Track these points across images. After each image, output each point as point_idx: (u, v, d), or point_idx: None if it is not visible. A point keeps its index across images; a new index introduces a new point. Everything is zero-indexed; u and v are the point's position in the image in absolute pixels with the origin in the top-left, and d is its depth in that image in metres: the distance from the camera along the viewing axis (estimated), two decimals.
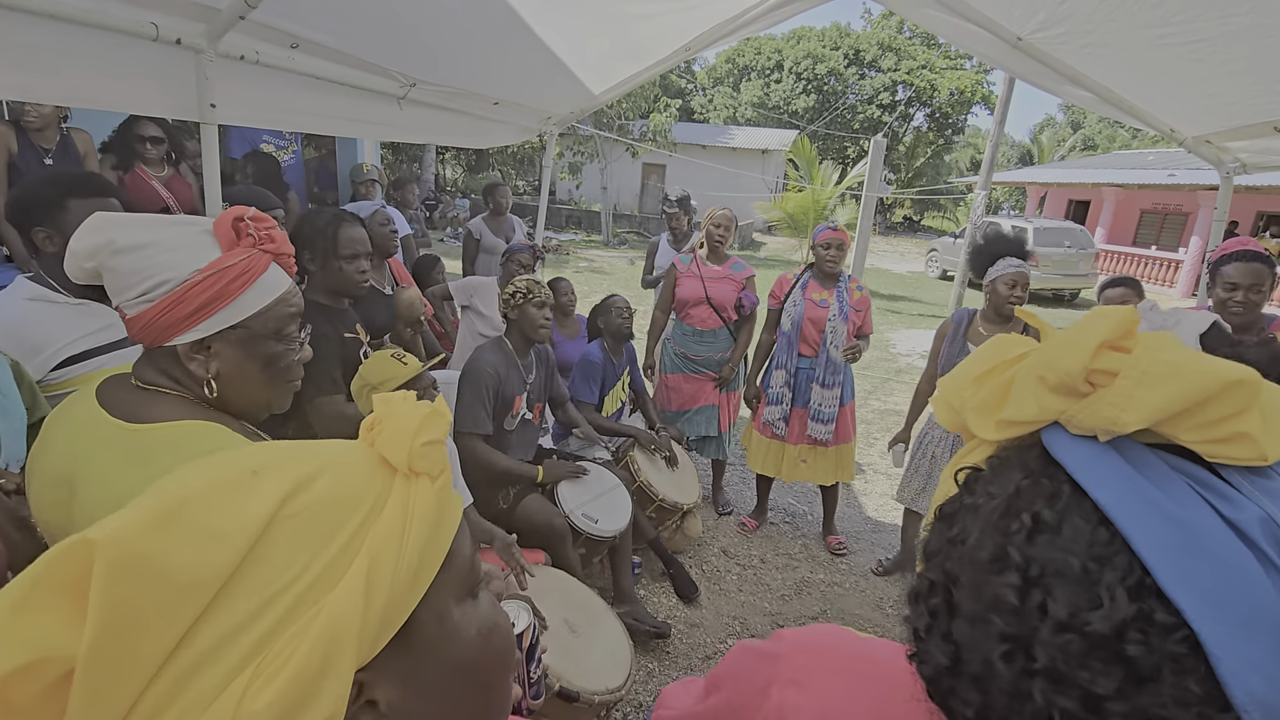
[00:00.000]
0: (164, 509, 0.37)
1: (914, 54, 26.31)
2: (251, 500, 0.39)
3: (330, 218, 2.04)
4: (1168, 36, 2.05)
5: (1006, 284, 2.85)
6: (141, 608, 0.34)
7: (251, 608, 0.36)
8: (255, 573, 0.37)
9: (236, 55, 1.81)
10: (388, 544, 0.41)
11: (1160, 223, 16.95)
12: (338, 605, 0.38)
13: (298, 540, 0.39)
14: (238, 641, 0.36)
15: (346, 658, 0.38)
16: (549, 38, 2.70)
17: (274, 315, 0.96)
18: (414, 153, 16.81)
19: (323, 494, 0.41)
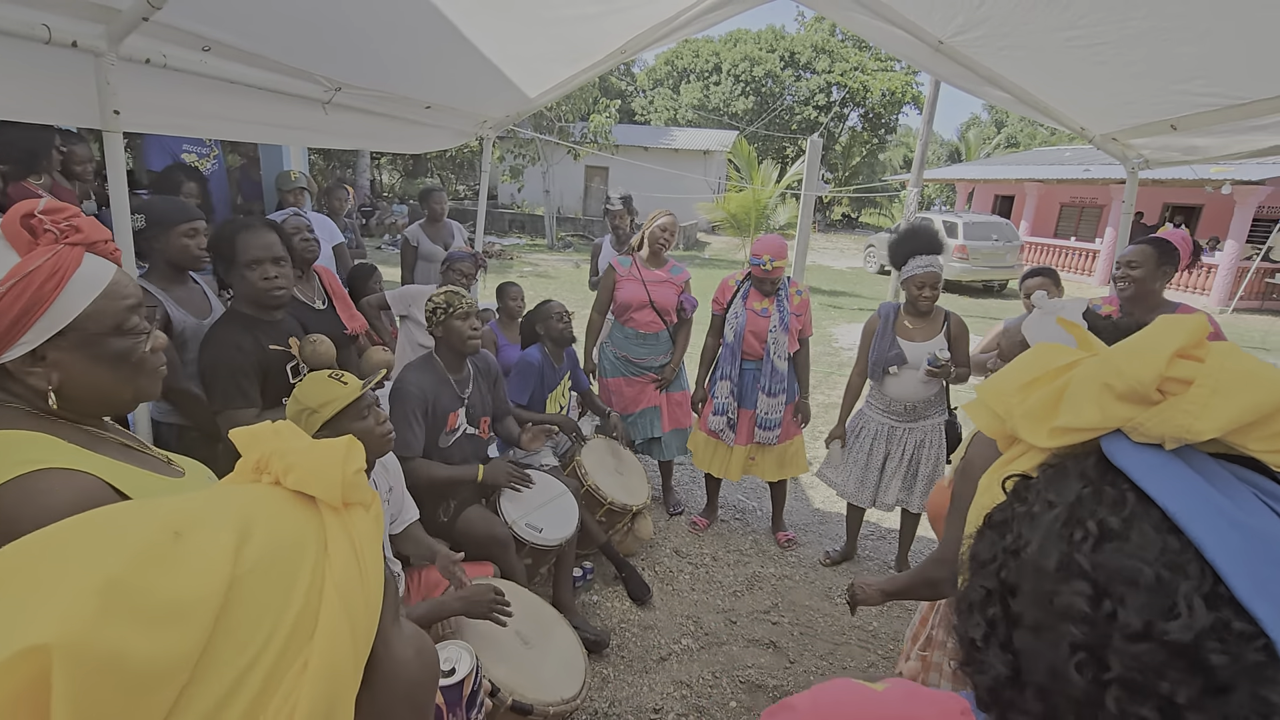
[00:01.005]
0: (103, 592, 0.32)
1: (846, 56, 27.07)
2: (199, 564, 0.35)
3: (235, 225, 1.96)
4: (1075, 40, 2.16)
5: (916, 285, 2.96)
6: (113, 708, 0.30)
7: (232, 677, 0.34)
8: (229, 639, 0.34)
9: (141, 59, 1.70)
10: (348, 579, 0.40)
11: (1078, 215, 17.93)
12: (327, 650, 0.37)
13: (262, 596, 0.36)
14: (230, 710, 0.33)
15: (348, 698, 0.37)
16: (479, 40, 2.65)
17: (106, 311, 0.89)
18: (347, 158, 16.30)
19: (267, 543, 0.38)
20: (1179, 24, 1.83)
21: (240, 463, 0.45)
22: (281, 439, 0.45)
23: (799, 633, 2.92)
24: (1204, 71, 2.01)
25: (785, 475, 3.57)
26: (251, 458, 0.45)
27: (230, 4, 1.83)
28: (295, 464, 0.43)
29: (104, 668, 0.31)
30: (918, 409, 3.10)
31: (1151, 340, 0.40)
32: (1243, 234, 13.06)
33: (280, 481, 0.43)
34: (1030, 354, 0.49)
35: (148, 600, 0.33)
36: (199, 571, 0.35)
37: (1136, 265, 2.53)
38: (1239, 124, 2.09)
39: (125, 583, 0.33)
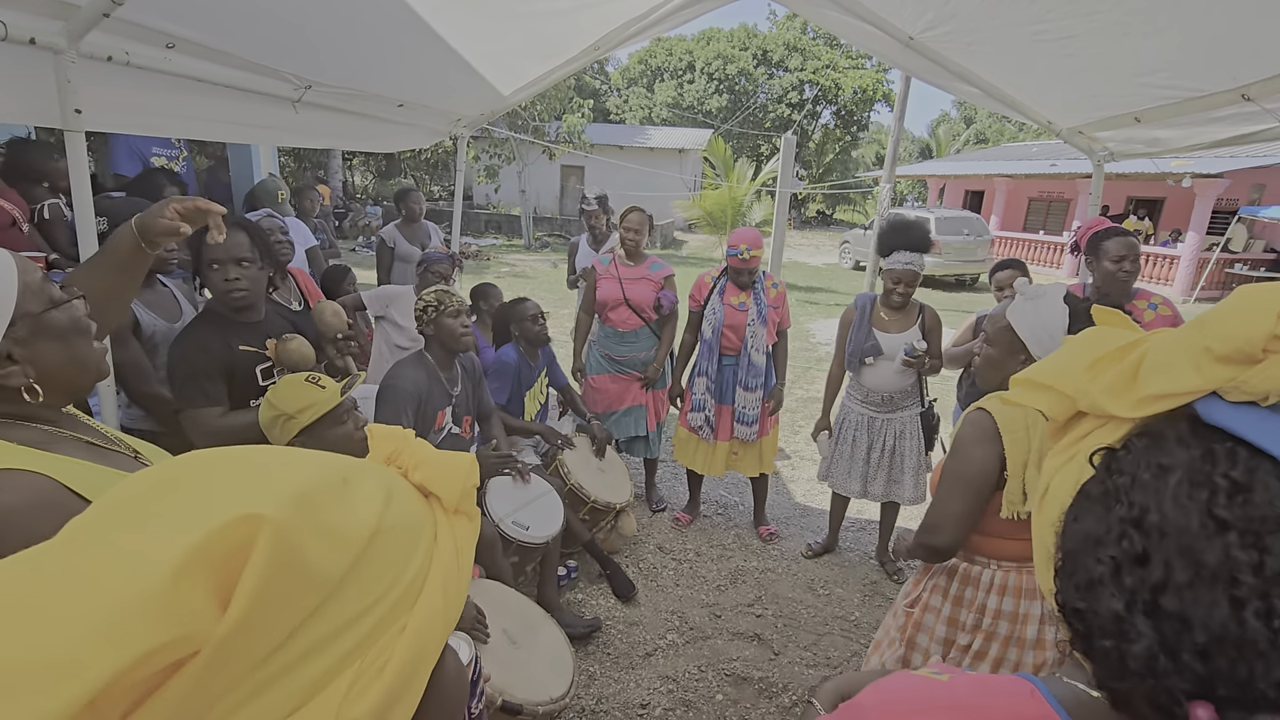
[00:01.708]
0: (299, 497, 0.37)
1: (818, 54, 27.31)
2: (359, 507, 0.41)
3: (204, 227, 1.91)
4: (1042, 34, 2.21)
5: (893, 279, 3.01)
6: (279, 600, 0.34)
7: (352, 613, 0.38)
8: (359, 580, 0.39)
9: (103, 56, 1.66)
10: (449, 569, 0.45)
11: (1046, 209, 18.30)
12: (423, 621, 0.41)
13: (390, 553, 0.41)
14: (341, 640, 0.37)
15: (426, 672, 0.41)
16: (452, 37, 2.62)
17: (32, 289, 0.88)
18: (318, 159, 16.04)
19: (402, 513, 0.43)
20: (1140, 18, 1.88)
21: (371, 454, 0.50)
22: (410, 441, 0.50)
23: (783, 625, 2.95)
24: (1166, 64, 2.06)
25: (765, 470, 3.60)
26: (383, 451, 0.50)
27: (195, 1, 1.80)
28: (424, 463, 0.49)
29: (291, 554, 0.35)
30: (894, 399, 3.14)
31: (1250, 304, 0.42)
32: (1203, 226, 13.46)
33: (407, 474, 0.48)
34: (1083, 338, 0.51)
35: (323, 519, 0.38)
36: (357, 513, 0.40)
37: (1134, 257, 2.54)
38: (1199, 115, 2.15)
39: (312, 498, 0.38)
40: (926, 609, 1.69)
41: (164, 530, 0.34)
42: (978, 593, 1.62)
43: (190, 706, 0.32)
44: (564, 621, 2.64)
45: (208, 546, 0.33)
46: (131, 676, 0.30)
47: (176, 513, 0.36)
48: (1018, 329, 1.57)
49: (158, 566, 0.32)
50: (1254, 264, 13.71)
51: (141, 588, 0.31)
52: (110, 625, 0.30)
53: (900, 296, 3.02)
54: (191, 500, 0.36)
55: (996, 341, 1.63)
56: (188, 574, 0.32)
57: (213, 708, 0.33)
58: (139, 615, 0.31)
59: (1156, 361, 0.45)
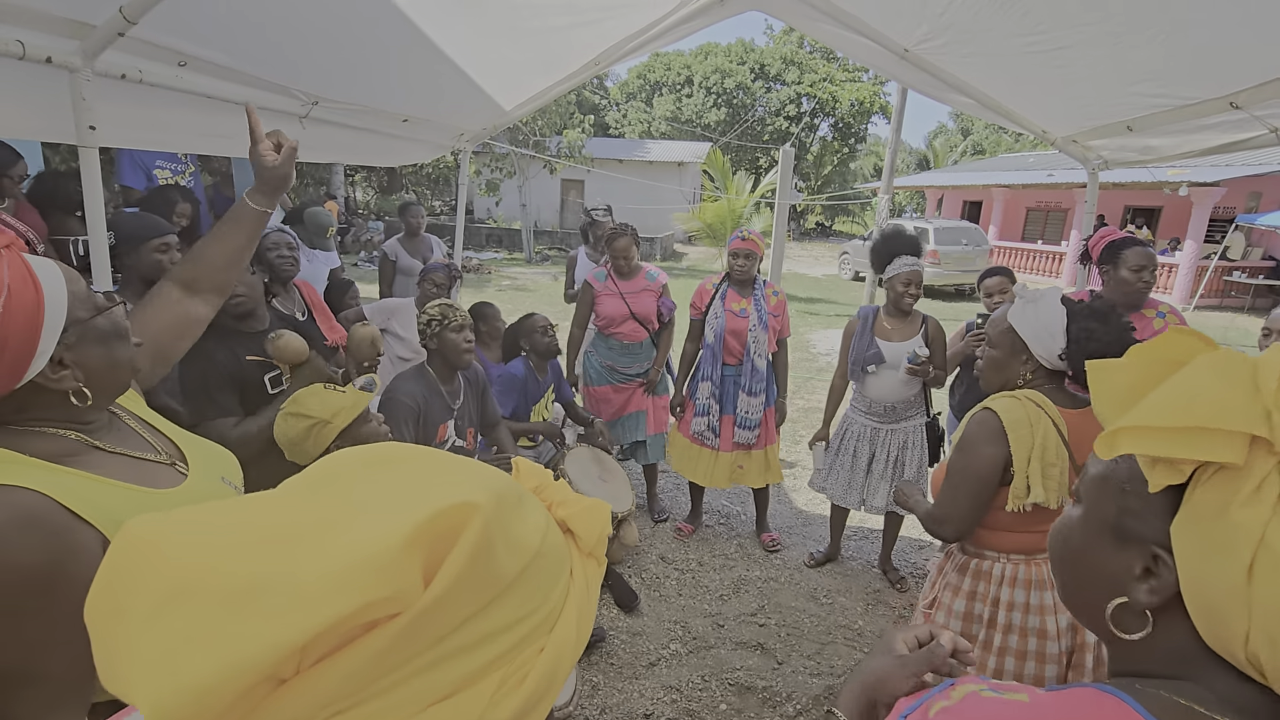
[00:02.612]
0: (495, 499, 0.41)
1: (815, 67, 27.56)
2: (530, 524, 0.45)
3: (194, 238, 1.95)
4: (1034, 45, 2.25)
5: (902, 282, 3.03)
6: (469, 585, 0.38)
7: (510, 619, 0.41)
8: (519, 591, 0.42)
9: (117, 74, 1.70)
10: (582, 606, 0.47)
11: (1044, 219, 18.39)
12: (558, 645, 0.44)
13: (543, 575, 0.44)
14: (495, 643, 0.40)
15: (554, 695, 0.44)
16: (455, 53, 2.67)
17: (80, 295, 0.92)
18: (320, 175, 16.17)
19: (553, 544, 0.47)
20: (1129, 29, 1.92)
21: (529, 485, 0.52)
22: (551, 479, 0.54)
23: (786, 634, 2.95)
24: (1155, 74, 2.10)
25: (766, 481, 3.60)
26: (529, 483, 0.52)
27: (207, 19, 1.84)
28: (567, 501, 0.52)
29: (488, 547, 0.39)
30: (898, 410, 3.15)
31: None
32: (1201, 234, 13.51)
33: (551, 509, 0.51)
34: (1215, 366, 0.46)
35: (506, 524, 0.42)
36: (529, 528, 0.44)
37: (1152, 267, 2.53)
38: (1189, 123, 2.18)
39: (503, 503, 0.42)
40: (942, 608, 1.74)
41: (395, 503, 0.39)
42: (990, 586, 1.66)
43: (377, 665, 0.36)
44: None
45: (431, 524, 0.37)
46: (353, 619, 0.35)
47: (401, 490, 0.40)
48: (1019, 330, 1.62)
49: (393, 532, 0.36)
50: (1252, 271, 13.76)
51: (379, 547, 0.36)
52: (352, 571, 0.35)
53: (912, 298, 3.04)
54: (413, 480, 0.42)
55: (999, 344, 1.67)
56: (411, 544, 0.36)
57: (392, 672, 0.37)
58: (374, 568, 0.35)
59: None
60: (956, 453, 1.61)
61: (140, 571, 0.36)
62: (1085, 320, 1.54)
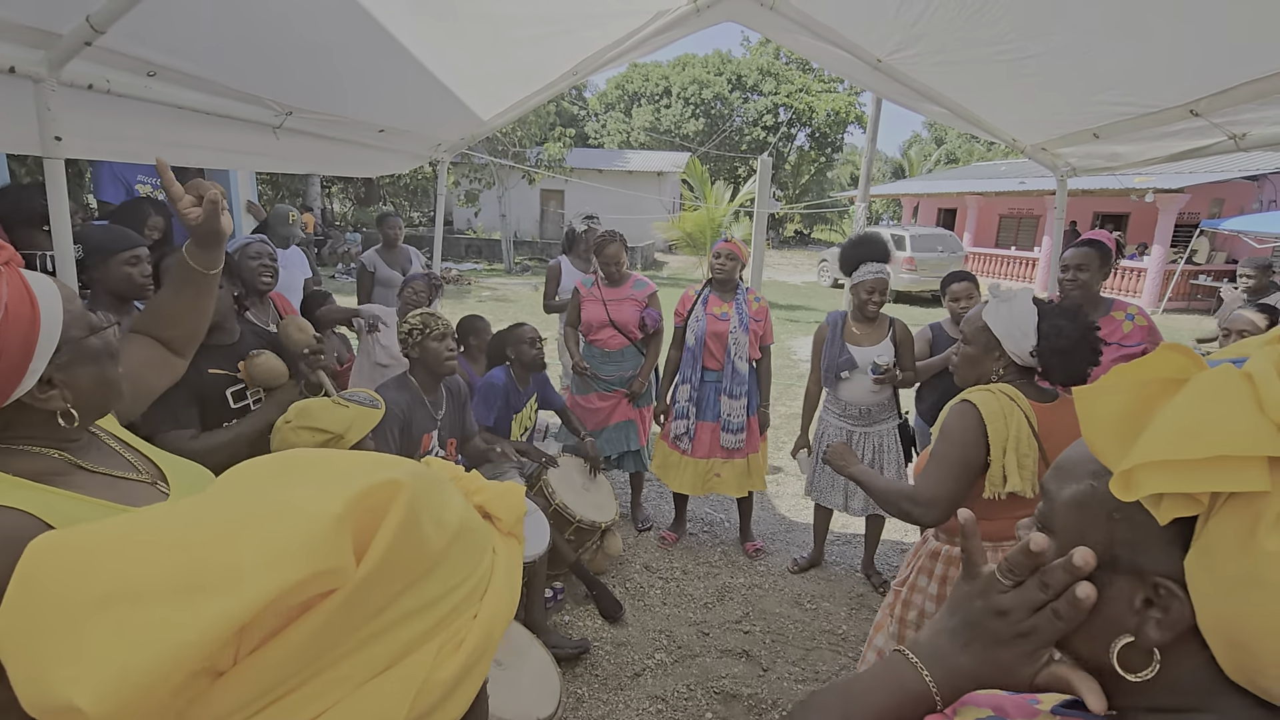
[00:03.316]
0: (417, 477, 0.43)
1: (791, 78, 27.91)
2: (452, 503, 0.47)
3: (164, 252, 1.92)
4: (1003, 54, 2.30)
5: (866, 290, 3.07)
6: (399, 559, 0.40)
7: (442, 590, 0.43)
8: (448, 564, 0.44)
9: (84, 84, 1.67)
10: (509, 577, 0.50)
11: (1017, 225, 18.75)
12: (490, 612, 0.46)
13: (469, 549, 0.47)
14: (432, 610, 0.42)
15: (489, 658, 0.46)
16: (431, 63, 2.67)
17: (75, 315, 0.91)
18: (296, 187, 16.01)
19: (474, 522, 0.50)
20: (1094, 39, 1.97)
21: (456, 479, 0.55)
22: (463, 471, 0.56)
23: (771, 640, 2.94)
24: (1118, 83, 2.16)
25: (748, 490, 3.59)
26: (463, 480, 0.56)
27: (177, 29, 1.82)
28: (484, 488, 0.54)
29: (415, 521, 0.41)
30: (871, 412, 3.18)
31: None
32: (1167, 239, 13.87)
33: (468, 497, 0.53)
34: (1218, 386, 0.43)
35: (430, 502, 0.44)
36: (451, 507, 0.47)
37: (1085, 268, 2.65)
38: (1152, 130, 2.24)
39: (423, 482, 0.44)
40: (915, 589, 1.85)
41: (317, 488, 0.40)
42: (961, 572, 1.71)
43: (317, 643, 0.37)
44: (551, 643, 2.61)
45: (360, 500, 0.39)
46: (290, 598, 0.35)
47: (320, 480, 0.41)
48: (993, 327, 1.70)
49: (326, 508, 0.37)
50: (1217, 275, 14.14)
51: (313, 523, 0.37)
52: (287, 547, 0.36)
53: (875, 306, 3.08)
54: (328, 473, 0.43)
55: (974, 340, 1.75)
56: (346, 519, 0.38)
57: (334, 648, 0.38)
58: (309, 543, 0.36)
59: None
60: (940, 440, 1.67)
61: (61, 583, 0.36)
62: (1054, 318, 1.64)
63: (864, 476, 1.76)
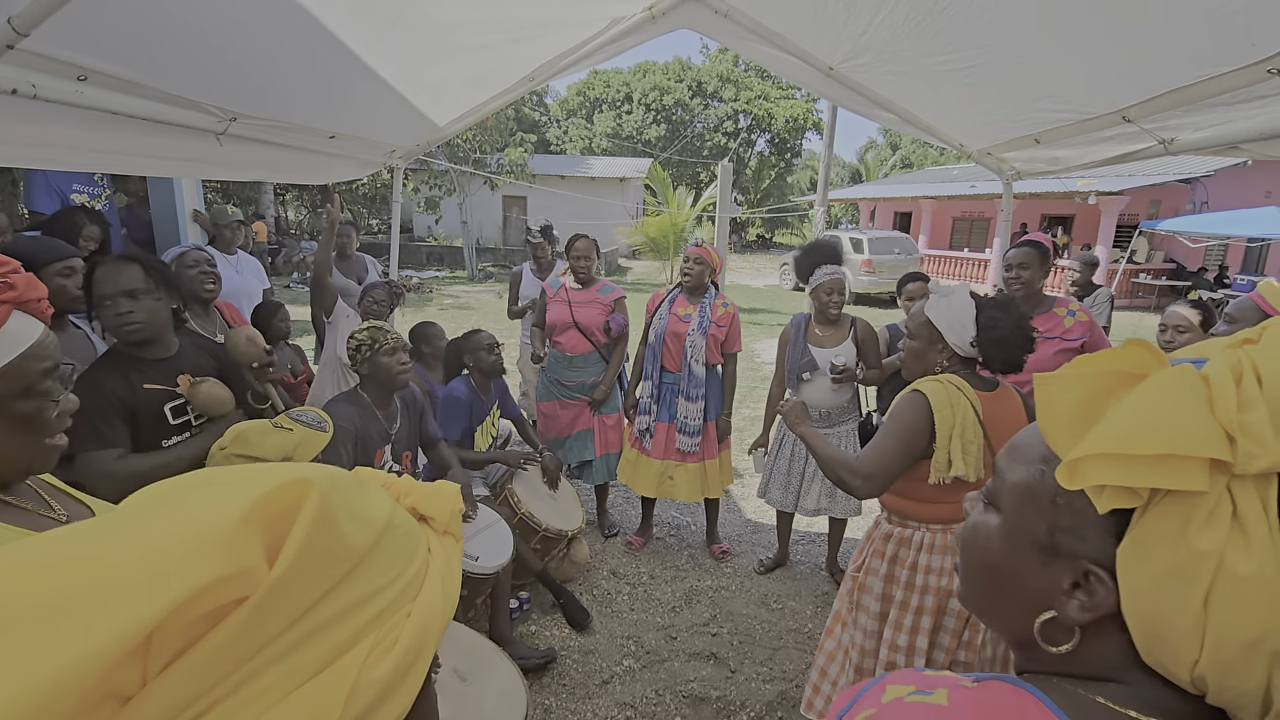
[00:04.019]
0: (329, 478, 0.42)
1: (750, 85, 28.32)
2: (375, 501, 0.46)
3: (93, 262, 1.84)
4: (946, 64, 2.37)
5: (825, 291, 3.13)
6: (316, 561, 0.38)
7: (369, 590, 0.42)
8: (375, 562, 0.43)
9: (7, 89, 1.59)
10: (445, 575, 0.49)
11: (969, 228, 19.33)
12: (424, 611, 0.45)
13: (398, 547, 0.46)
14: (361, 611, 0.41)
15: (427, 658, 0.45)
16: (383, 69, 2.62)
17: (20, 372, 0.86)
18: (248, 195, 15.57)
19: (404, 522, 0.48)
20: (1028, 50, 2.05)
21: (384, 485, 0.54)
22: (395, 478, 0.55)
23: (738, 641, 2.96)
24: (1055, 91, 2.24)
25: (702, 496, 3.55)
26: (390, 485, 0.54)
27: (109, 31, 1.74)
28: (414, 490, 0.54)
29: (330, 520, 0.40)
30: (832, 415, 3.23)
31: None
32: (1110, 239, 14.47)
33: (399, 500, 0.52)
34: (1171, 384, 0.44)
35: (350, 501, 0.43)
36: (374, 506, 0.46)
37: (1027, 266, 2.76)
38: (1089, 136, 2.34)
39: (338, 481, 0.43)
40: (869, 571, 1.92)
41: (226, 493, 0.38)
42: (910, 552, 1.85)
43: (232, 655, 0.35)
44: (517, 654, 2.58)
45: (267, 500, 0.37)
46: (195, 606, 0.33)
47: (244, 479, 0.40)
48: (935, 321, 1.81)
49: (228, 510, 0.36)
50: (1156, 273, 14.80)
51: (213, 525, 0.35)
52: (186, 552, 0.34)
53: (836, 307, 3.14)
54: (239, 481, 0.41)
55: (918, 334, 1.86)
56: (249, 521, 0.36)
57: (252, 659, 0.36)
58: (210, 546, 0.34)
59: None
60: (889, 422, 1.75)
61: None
62: (990, 311, 1.75)
63: (812, 439, 1.83)
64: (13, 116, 1.64)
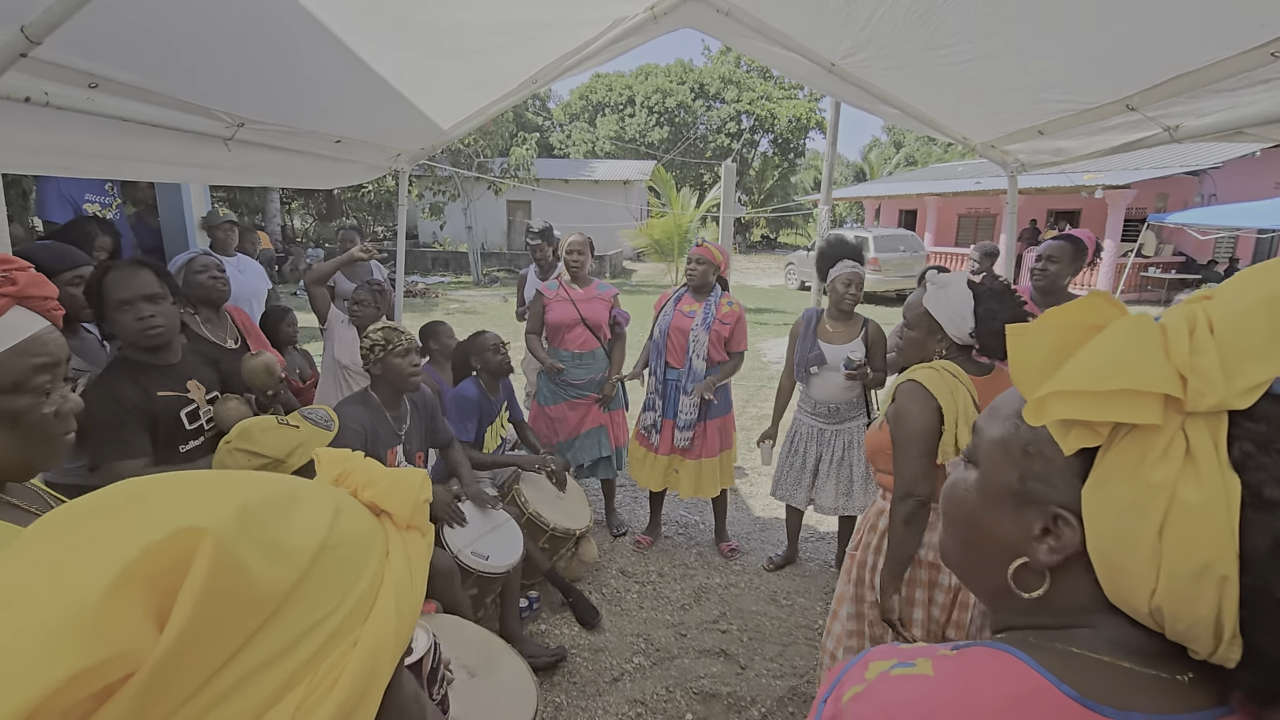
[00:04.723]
0: (240, 513, 0.37)
1: (753, 86, 28.35)
2: (305, 523, 0.40)
3: (102, 268, 1.86)
4: (946, 58, 2.37)
5: (843, 283, 3.14)
6: (220, 616, 0.34)
7: (302, 629, 0.37)
8: (306, 596, 0.38)
9: (20, 97, 1.61)
10: (401, 584, 0.44)
11: (975, 224, 19.25)
12: (375, 636, 0.40)
13: (338, 571, 0.40)
14: (285, 661, 0.36)
15: (380, 687, 0.40)
16: (387, 73, 2.64)
17: (10, 366, 0.86)
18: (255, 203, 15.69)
19: (351, 528, 0.43)
20: (1027, 42, 2.05)
21: (319, 476, 0.50)
22: (359, 461, 0.50)
23: (748, 638, 2.96)
24: (1057, 81, 2.24)
25: (700, 494, 3.55)
26: (331, 473, 0.50)
27: (119, 39, 1.77)
28: (374, 481, 0.49)
29: (233, 569, 0.34)
30: (840, 410, 3.23)
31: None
32: (1118, 233, 14.37)
33: (356, 493, 0.48)
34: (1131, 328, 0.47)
35: (267, 534, 0.37)
36: (304, 529, 0.40)
37: (1056, 260, 2.76)
38: (1092, 125, 2.33)
39: (255, 514, 0.38)
40: (864, 547, 1.97)
41: (103, 548, 0.33)
42: None
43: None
44: (528, 652, 2.59)
45: (143, 562, 0.32)
46: (62, 699, 0.29)
47: (117, 531, 0.34)
48: (933, 312, 1.83)
49: (90, 585, 0.31)
50: (1165, 266, 14.68)
51: (72, 607, 0.30)
52: (38, 646, 0.29)
53: (852, 299, 3.15)
54: (133, 519, 0.35)
55: (916, 325, 1.89)
56: (121, 591, 0.31)
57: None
58: (68, 635, 0.29)
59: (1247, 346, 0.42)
60: (898, 423, 1.76)
61: None
62: (988, 301, 1.78)
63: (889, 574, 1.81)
64: (26, 124, 1.67)
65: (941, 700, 0.49)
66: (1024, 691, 0.48)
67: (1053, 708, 0.47)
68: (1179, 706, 0.47)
